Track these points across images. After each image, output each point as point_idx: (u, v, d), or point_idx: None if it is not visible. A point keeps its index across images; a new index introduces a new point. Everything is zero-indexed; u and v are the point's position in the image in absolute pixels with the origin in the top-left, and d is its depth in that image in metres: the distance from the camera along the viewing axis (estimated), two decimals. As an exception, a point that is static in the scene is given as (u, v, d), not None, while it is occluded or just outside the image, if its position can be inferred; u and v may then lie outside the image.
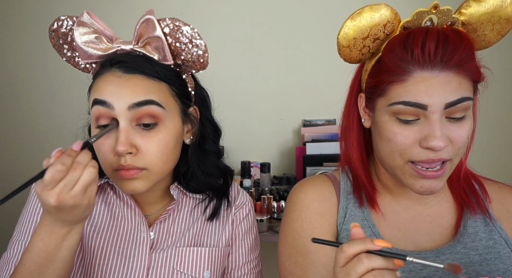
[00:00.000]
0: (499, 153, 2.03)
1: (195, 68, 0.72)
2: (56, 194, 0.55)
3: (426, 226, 0.72)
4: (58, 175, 0.54)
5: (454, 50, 0.60)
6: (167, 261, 0.74)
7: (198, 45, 0.67)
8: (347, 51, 0.68)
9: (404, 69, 0.62)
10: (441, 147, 0.61)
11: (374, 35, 0.65)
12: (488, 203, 0.74)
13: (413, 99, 0.61)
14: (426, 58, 0.61)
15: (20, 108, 2.04)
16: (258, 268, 0.85)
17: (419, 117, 0.63)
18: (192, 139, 0.76)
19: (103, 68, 0.69)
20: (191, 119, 0.75)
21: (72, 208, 0.57)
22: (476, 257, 0.68)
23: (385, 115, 0.65)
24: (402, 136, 0.63)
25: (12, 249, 0.73)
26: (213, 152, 0.80)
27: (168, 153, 0.69)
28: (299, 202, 0.76)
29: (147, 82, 0.67)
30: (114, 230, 0.75)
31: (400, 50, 0.63)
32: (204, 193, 0.81)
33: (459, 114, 0.62)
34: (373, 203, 0.73)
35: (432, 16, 0.64)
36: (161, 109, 0.67)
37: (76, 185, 0.56)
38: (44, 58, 2.00)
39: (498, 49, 0.92)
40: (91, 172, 0.57)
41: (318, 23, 2.01)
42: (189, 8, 1.99)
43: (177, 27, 0.66)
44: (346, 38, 0.66)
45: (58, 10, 1.94)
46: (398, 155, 0.65)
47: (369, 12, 0.64)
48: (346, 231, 0.72)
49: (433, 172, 0.63)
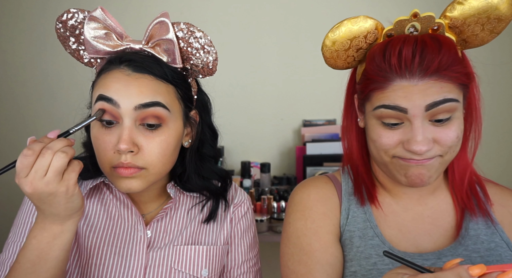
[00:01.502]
0: (499, 153, 2.03)
1: (202, 74, 0.72)
2: (30, 182, 0.54)
3: (426, 227, 0.72)
4: (26, 160, 0.54)
5: (432, 57, 0.60)
6: (165, 259, 0.74)
7: (210, 52, 0.68)
8: (332, 62, 0.70)
9: (384, 78, 0.62)
10: (422, 151, 0.61)
11: (356, 46, 0.67)
12: (489, 206, 0.74)
13: (393, 103, 0.62)
14: (403, 67, 0.61)
15: (19, 108, 2.04)
16: (257, 266, 0.85)
17: (402, 121, 0.63)
18: (190, 142, 0.76)
19: (110, 65, 0.69)
20: (191, 122, 0.75)
21: (51, 196, 0.56)
22: (478, 259, 0.68)
23: (372, 119, 0.67)
24: (385, 137, 0.65)
25: (8, 251, 0.72)
26: (211, 156, 0.80)
27: (168, 155, 0.69)
28: (302, 202, 0.76)
29: (155, 83, 0.67)
30: (111, 229, 0.75)
31: (379, 59, 0.63)
32: (201, 193, 0.81)
33: (442, 116, 0.62)
34: (373, 198, 0.73)
35: (414, 23, 0.64)
36: (166, 111, 0.67)
37: (48, 171, 0.55)
38: (43, 58, 2.00)
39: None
40: (60, 157, 0.55)
41: (318, 23, 2.01)
42: (189, 8, 1.99)
43: (191, 32, 0.67)
44: (327, 50, 0.67)
45: (57, 10, 1.94)
46: (384, 153, 0.66)
47: (347, 25, 0.65)
48: (349, 232, 0.72)
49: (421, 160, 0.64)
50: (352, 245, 0.70)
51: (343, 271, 0.70)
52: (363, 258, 0.69)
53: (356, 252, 0.69)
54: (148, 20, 0.69)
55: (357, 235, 0.71)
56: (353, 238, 0.71)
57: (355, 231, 0.71)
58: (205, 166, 0.79)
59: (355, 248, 0.70)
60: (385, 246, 0.69)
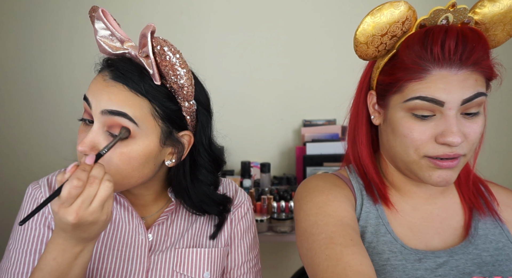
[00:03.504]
0: (498, 154, 2.03)
1: (181, 97, 0.68)
2: (75, 211, 0.54)
3: (436, 226, 0.73)
4: (75, 191, 0.53)
5: (473, 48, 0.61)
6: (167, 263, 0.74)
7: (179, 75, 0.64)
8: (364, 48, 0.67)
9: (422, 67, 0.62)
10: (458, 142, 0.61)
11: (393, 32, 0.65)
12: (496, 205, 0.75)
13: (431, 95, 0.62)
14: (446, 56, 0.61)
15: (19, 109, 2.03)
16: (257, 267, 0.84)
17: (434, 113, 0.63)
18: (174, 161, 0.72)
19: (101, 66, 0.70)
20: (175, 144, 0.70)
21: (91, 224, 0.56)
22: (488, 258, 0.69)
23: (400, 111, 0.66)
24: (417, 131, 0.64)
25: (10, 258, 0.72)
26: (207, 183, 0.77)
27: (129, 169, 0.66)
28: (318, 186, 0.73)
29: (127, 95, 0.65)
30: (112, 233, 0.74)
31: (419, 48, 0.63)
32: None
33: (474, 110, 0.63)
34: (386, 199, 0.73)
35: (448, 14, 0.64)
36: (133, 125, 0.64)
37: (94, 201, 0.55)
38: (43, 58, 1.99)
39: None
40: (107, 186, 0.56)
41: (318, 24, 2.01)
42: (189, 8, 1.99)
43: (162, 51, 0.63)
44: (364, 34, 0.65)
45: (57, 10, 1.94)
46: (413, 150, 0.65)
47: (390, 8, 0.63)
48: (362, 227, 0.71)
49: (449, 161, 0.64)
50: (364, 240, 0.70)
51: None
52: (375, 253, 0.69)
53: (368, 248, 0.69)
54: (149, 19, 0.68)
55: (370, 230, 0.71)
56: (365, 233, 0.71)
57: (367, 227, 0.71)
58: (199, 190, 0.76)
59: (367, 243, 0.70)
60: (398, 243, 0.69)
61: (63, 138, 2.01)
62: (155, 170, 0.71)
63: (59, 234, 0.58)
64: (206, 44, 2.02)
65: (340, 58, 1.99)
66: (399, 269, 0.66)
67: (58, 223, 0.56)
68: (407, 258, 0.68)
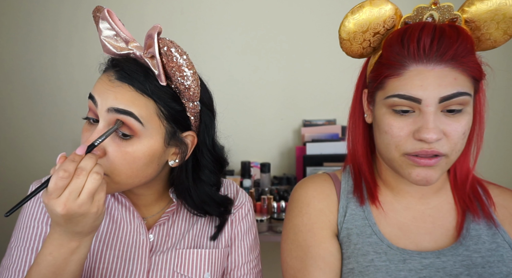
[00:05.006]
0: (498, 154, 2.03)
1: (187, 98, 0.68)
2: (63, 203, 0.54)
3: (427, 226, 0.72)
4: (61, 182, 0.54)
5: (450, 44, 0.61)
6: (167, 263, 0.74)
7: (185, 77, 0.65)
8: (347, 44, 0.69)
9: (401, 63, 0.63)
10: (432, 138, 0.61)
11: (374, 29, 0.67)
12: (492, 209, 0.74)
13: (408, 92, 0.62)
14: (421, 52, 0.62)
15: (19, 109, 2.03)
16: (258, 268, 0.84)
17: (414, 110, 0.64)
18: (177, 162, 0.72)
19: (106, 66, 0.70)
20: (179, 144, 0.71)
21: (81, 217, 0.56)
22: (479, 259, 0.68)
23: (382, 108, 0.67)
24: (396, 127, 0.65)
25: (12, 256, 0.72)
26: (210, 184, 0.77)
27: (134, 168, 0.66)
28: (300, 199, 0.77)
29: (133, 94, 0.65)
30: (113, 233, 0.74)
31: (398, 45, 0.64)
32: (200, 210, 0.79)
33: (455, 107, 0.63)
34: (374, 199, 0.74)
35: (432, 12, 0.65)
36: (139, 124, 0.65)
37: (82, 193, 0.55)
38: (42, 58, 2.00)
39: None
40: (94, 178, 0.56)
41: (318, 24, 2.01)
42: (190, 8, 1.99)
43: (169, 52, 0.63)
44: (345, 31, 0.67)
45: (57, 10, 1.94)
46: (394, 147, 0.66)
47: (369, 6, 0.65)
48: (347, 229, 0.72)
49: (427, 159, 0.64)
50: (349, 242, 0.71)
51: (341, 268, 0.71)
52: (360, 255, 0.69)
53: (354, 249, 0.70)
54: (149, 19, 0.68)
55: (355, 232, 0.71)
56: (351, 236, 0.71)
57: (353, 229, 0.72)
58: (201, 190, 0.76)
59: (353, 245, 0.70)
60: (383, 244, 0.69)
61: (63, 138, 2.01)
62: (158, 170, 0.71)
63: (54, 229, 0.59)
64: (206, 44, 2.02)
65: (340, 58, 1.98)
66: (382, 270, 0.67)
67: (51, 216, 0.57)
68: (391, 258, 0.68)
